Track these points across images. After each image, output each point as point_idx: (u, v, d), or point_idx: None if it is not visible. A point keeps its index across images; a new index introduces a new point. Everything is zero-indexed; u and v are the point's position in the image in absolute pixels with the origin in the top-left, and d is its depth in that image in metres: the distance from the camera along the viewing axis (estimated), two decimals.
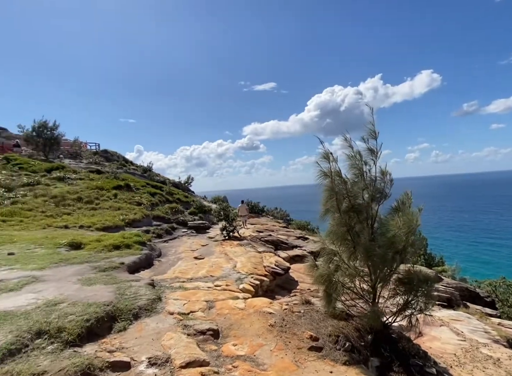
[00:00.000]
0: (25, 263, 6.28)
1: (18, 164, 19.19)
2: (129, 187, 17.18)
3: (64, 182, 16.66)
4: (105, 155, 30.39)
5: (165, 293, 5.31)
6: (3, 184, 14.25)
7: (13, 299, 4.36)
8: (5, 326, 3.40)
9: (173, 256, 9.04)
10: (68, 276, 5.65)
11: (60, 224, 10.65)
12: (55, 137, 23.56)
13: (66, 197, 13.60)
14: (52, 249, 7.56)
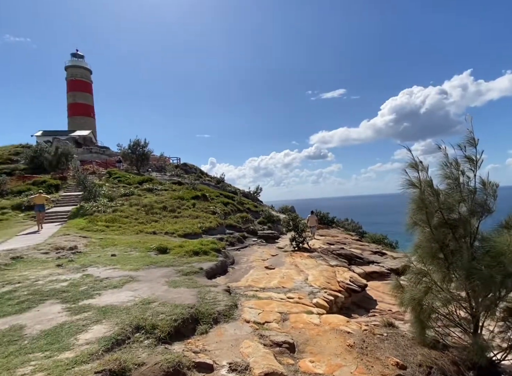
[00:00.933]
0: (124, 264, 7.28)
1: (117, 178, 22.61)
2: (205, 197, 18.55)
3: (152, 192, 18.94)
4: (185, 168, 33.56)
5: (240, 300, 5.50)
6: (107, 195, 16.95)
7: (117, 295, 5.07)
8: (111, 319, 3.97)
9: (245, 264, 9.34)
10: (157, 278, 6.33)
11: (149, 230, 12.08)
12: (145, 153, 27.10)
13: (154, 206, 15.40)
14: (144, 252, 8.60)
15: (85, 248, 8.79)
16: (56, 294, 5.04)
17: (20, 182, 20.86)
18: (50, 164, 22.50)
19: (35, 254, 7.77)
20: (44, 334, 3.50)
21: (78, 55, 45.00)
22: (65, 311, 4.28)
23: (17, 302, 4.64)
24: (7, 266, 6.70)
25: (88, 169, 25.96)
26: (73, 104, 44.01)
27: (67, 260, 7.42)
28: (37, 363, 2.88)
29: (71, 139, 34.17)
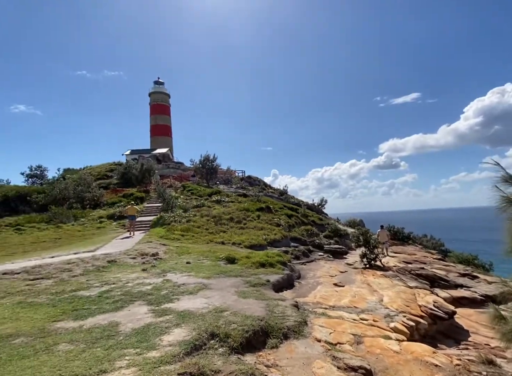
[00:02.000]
0: (197, 272, 7.79)
1: (190, 190, 24.57)
2: (269, 209, 18.82)
3: (220, 204, 20.02)
4: (249, 180, 34.74)
5: (310, 317, 5.35)
6: (181, 206, 18.53)
7: (192, 301, 5.44)
8: (189, 324, 4.26)
9: (312, 279, 9.08)
10: (227, 287, 6.59)
11: (218, 240, 12.74)
12: (214, 167, 28.98)
13: (222, 217, 16.24)
14: (214, 261, 9.07)
15: (164, 254, 9.70)
16: (142, 296, 5.65)
17: (113, 195, 24.30)
18: (137, 178, 25.75)
19: (125, 258, 8.88)
20: (135, 332, 3.94)
21: (159, 82, 51.29)
22: (150, 313, 4.76)
23: (113, 301, 5.34)
24: (105, 269, 7.79)
25: (166, 183, 28.85)
26: (154, 125, 49.95)
27: (150, 265, 8.28)
28: (131, 358, 3.25)
29: (153, 157, 38.62)
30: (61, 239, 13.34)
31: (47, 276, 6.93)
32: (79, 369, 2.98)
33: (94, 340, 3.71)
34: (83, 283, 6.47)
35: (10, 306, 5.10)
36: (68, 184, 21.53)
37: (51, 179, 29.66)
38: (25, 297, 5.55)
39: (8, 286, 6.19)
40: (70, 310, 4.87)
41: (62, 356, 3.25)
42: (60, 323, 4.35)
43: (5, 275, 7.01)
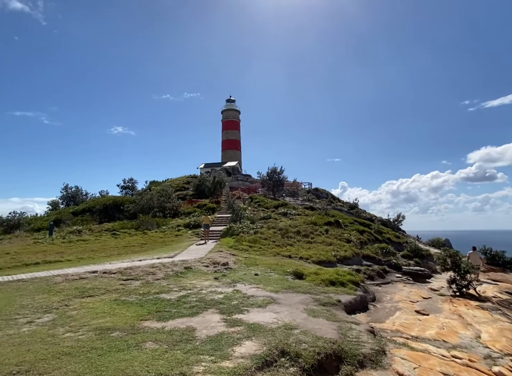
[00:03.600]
0: (265, 284, 7.84)
1: (257, 202, 25.21)
2: (338, 224, 18.01)
3: (287, 217, 20.00)
4: (316, 193, 33.99)
5: (388, 346, 4.85)
6: (249, 217, 19.11)
7: (262, 314, 5.47)
8: (260, 338, 4.29)
9: (388, 303, 8.26)
10: (296, 303, 6.45)
11: (285, 253, 12.67)
12: (281, 179, 29.29)
13: (288, 230, 16.18)
14: (281, 275, 9.03)
15: (234, 265, 10.07)
16: (215, 304, 5.93)
17: (189, 205, 26.50)
18: (209, 190, 27.65)
19: (199, 266, 9.50)
20: (209, 340, 4.14)
21: (231, 100, 55.02)
22: (222, 322, 4.95)
23: (189, 306, 5.73)
24: (182, 274, 8.46)
25: (235, 195, 30.23)
26: (225, 140, 53.37)
27: (221, 274, 8.67)
28: (206, 365, 3.41)
29: (223, 169, 41.10)
30: (147, 244, 15.04)
31: (136, 278, 7.85)
32: (163, 368, 3.25)
33: (175, 342, 4.01)
34: (165, 287, 7.13)
35: (108, 302, 5.91)
36: (153, 195, 24.33)
37: (140, 190, 33.96)
38: (119, 295, 6.37)
39: (107, 284, 7.21)
40: (154, 311, 5.39)
41: (149, 354, 3.60)
42: (147, 322, 4.84)
43: (105, 274, 8.19)
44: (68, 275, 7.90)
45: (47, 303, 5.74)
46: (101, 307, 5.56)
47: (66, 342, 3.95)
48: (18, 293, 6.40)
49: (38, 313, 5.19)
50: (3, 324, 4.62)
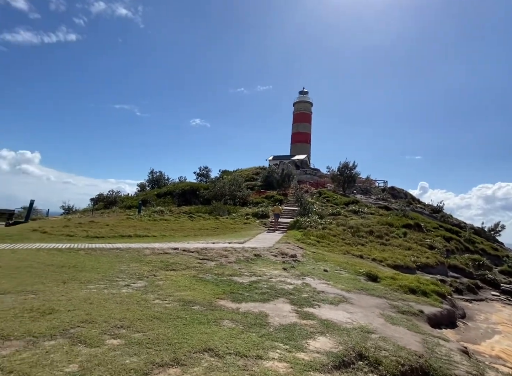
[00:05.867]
0: (335, 282, 7.54)
1: (326, 197, 24.42)
2: (419, 227, 16.23)
3: (358, 215, 18.88)
4: (392, 192, 31.22)
5: (489, 374, 4.14)
6: (317, 212, 18.65)
7: (334, 312, 5.25)
8: (334, 336, 4.11)
9: (483, 324, 7.10)
10: (370, 307, 6.02)
11: (356, 253, 11.99)
12: (353, 175, 27.73)
13: (360, 229, 15.24)
14: (353, 275, 8.56)
15: (302, 258, 9.95)
16: (285, 294, 5.93)
17: (257, 195, 27.19)
18: (277, 182, 27.85)
19: (268, 255, 9.65)
20: (282, 328, 4.14)
21: (303, 92, 53.98)
22: (294, 313, 4.91)
23: (261, 292, 5.85)
24: (252, 261, 8.71)
25: (303, 188, 29.83)
26: (295, 133, 52.83)
27: (290, 265, 8.65)
28: (281, 353, 3.40)
29: (292, 162, 40.86)
30: (219, 228, 15.98)
31: (210, 258, 8.38)
32: (241, 348, 3.35)
33: (250, 325, 4.12)
34: (236, 270, 7.44)
35: (188, 277, 6.44)
36: (225, 184, 25.66)
37: (213, 178, 36.20)
38: (197, 272, 6.88)
39: (187, 261, 7.87)
40: (229, 292, 5.65)
41: (227, 332, 3.77)
42: (222, 301, 5.10)
43: (184, 251, 8.96)
44: (155, 249, 8.88)
45: (139, 271, 6.55)
46: (183, 281, 6.08)
47: (155, 307, 4.42)
48: (117, 260, 7.45)
49: (132, 278, 5.95)
50: (108, 284, 5.42)
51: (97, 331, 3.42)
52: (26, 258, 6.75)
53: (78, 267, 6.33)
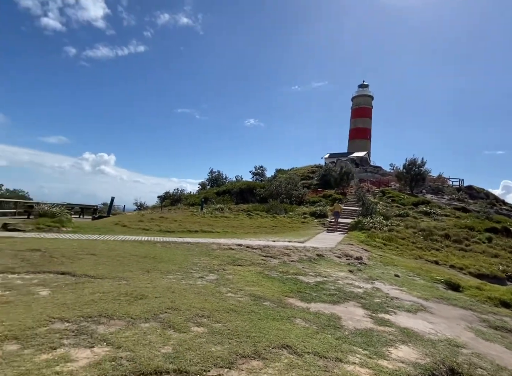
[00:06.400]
0: (409, 288, 6.96)
1: (390, 197, 22.77)
2: (507, 232, 14.09)
3: (430, 216, 17.17)
4: (469, 191, 27.69)
5: None
6: (381, 213, 17.48)
7: (413, 320, 4.85)
8: (418, 346, 3.78)
9: None
10: (455, 318, 5.42)
11: (430, 258, 10.92)
12: (421, 173, 25.34)
13: (433, 232, 13.84)
14: (429, 282, 7.81)
15: (368, 261, 9.43)
16: (355, 297, 5.67)
17: (314, 194, 26.64)
18: (335, 181, 26.89)
19: (331, 256, 9.36)
20: (358, 333, 3.96)
21: (363, 85, 51.12)
22: (368, 317, 4.66)
23: (329, 294, 5.69)
24: (315, 261, 8.55)
25: (363, 187, 28.29)
26: (354, 129, 50.36)
27: (356, 268, 8.27)
28: (362, 358, 3.25)
29: (350, 160, 39.08)
30: (276, 227, 16.08)
31: (273, 256, 8.46)
32: (318, 348, 3.30)
33: (323, 326, 4.04)
34: (300, 270, 7.37)
35: (254, 273, 6.60)
36: (281, 182, 25.71)
37: (268, 177, 36.59)
38: (263, 269, 7.00)
39: (251, 257, 8.08)
40: (296, 291, 5.63)
41: (301, 330, 3.75)
42: (291, 299, 5.10)
43: (248, 248, 9.21)
44: (221, 244, 9.32)
45: (209, 264, 6.92)
46: (250, 277, 6.25)
47: (229, 300, 4.61)
48: (189, 253, 8.00)
49: (204, 271, 6.32)
50: (184, 275, 5.84)
51: (182, 318, 3.70)
52: (114, 248, 7.67)
53: (157, 258, 6.96)
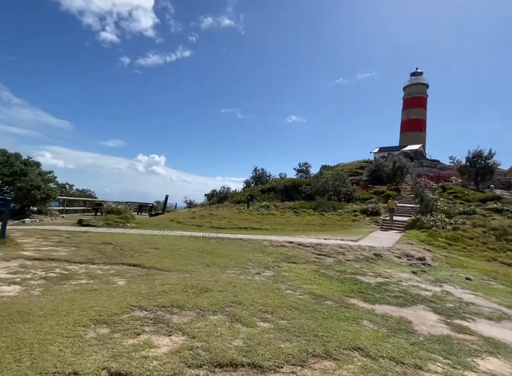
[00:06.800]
0: (486, 294, 6.23)
1: (452, 193, 20.76)
2: None
3: (502, 214, 15.28)
4: None
5: None
6: (443, 210, 16.01)
7: (497, 329, 4.31)
8: (509, 358, 3.35)
9: None
10: None
11: (505, 260, 9.70)
12: (489, 166, 22.66)
13: (508, 231, 12.28)
14: (509, 287, 6.92)
15: (432, 262, 8.68)
16: (424, 301, 5.23)
17: (364, 191, 25.38)
18: (388, 176, 25.31)
19: (390, 255, 8.80)
20: (435, 339, 3.63)
21: (417, 73, 47.25)
22: (442, 323, 4.26)
23: (393, 296, 5.33)
24: (373, 260, 8.11)
25: (419, 182, 26.20)
26: (406, 120, 46.88)
27: (419, 269, 7.66)
28: (444, 368, 2.96)
29: (402, 154, 36.47)
30: (326, 225, 15.64)
31: (327, 254, 8.22)
32: (393, 352, 3.08)
33: (394, 329, 3.78)
34: (358, 269, 7.04)
35: (310, 271, 6.46)
36: (328, 179, 24.97)
37: (313, 174, 35.81)
38: (318, 268, 6.83)
39: (304, 255, 7.95)
40: (357, 291, 5.37)
41: (371, 333, 3.55)
42: (353, 299, 4.88)
43: (299, 245, 9.09)
44: (272, 241, 9.33)
45: (264, 261, 6.96)
46: (306, 274, 6.13)
47: (290, 297, 4.56)
48: (242, 249, 8.14)
49: (260, 267, 6.36)
50: (241, 270, 5.95)
51: (247, 313, 3.74)
52: (174, 243, 8.12)
53: (214, 253, 7.19)
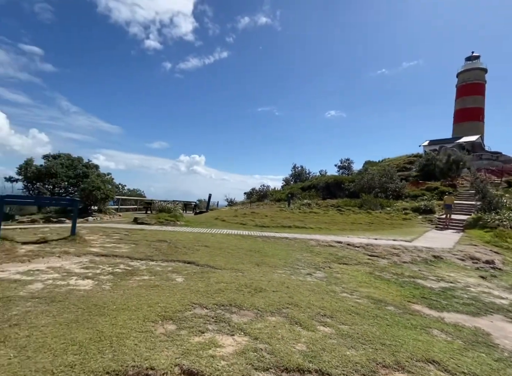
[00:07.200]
0: None
1: None
2: None
3: None
4: None
5: None
6: (510, 207, 14.30)
7: None
8: None
9: None
10: None
11: None
12: None
13: None
14: None
15: (503, 265, 7.76)
16: (500, 310, 4.67)
17: (414, 187, 23.70)
18: (441, 171, 23.34)
19: (451, 258, 8.06)
20: None
21: (473, 57, 42.81)
22: None
23: (462, 303, 4.84)
24: (432, 263, 7.49)
25: (478, 177, 23.75)
26: (460, 109, 42.78)
27: (488, 273, 6.89)
28: None
29: (457, 146, 33.38)
30: (373, 224, 14.87)
31: (380, 256, 7.77)
32: (476, 369, 2.76)
33: (470, 341, 3.40)
34: (417, 272, 6.54)
35: (364, 273, 6.14)
36: (374, 175, 23.74)
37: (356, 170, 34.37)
38: (372, 270, 6.47)
39: (355, 256, 7.59)
40: (419, 296, 4.97)
41: (444, 344, 3.23)
42: (416, 306, 4.51)
43: (349, 246, 8.72)
44: (319, 241, 9.08)
45: (313, 261, 6.78)
46: (361, 277, 5.84)
47: (347, 301, 4.35)
48: (290, 248, 8.04)
49: (310, 268, 6.20)
50: (292, 270, 5.85)
51: (305, 315, 3.63)
52: (222, 241, 8.28)
53: (262, 252, 7.18)
